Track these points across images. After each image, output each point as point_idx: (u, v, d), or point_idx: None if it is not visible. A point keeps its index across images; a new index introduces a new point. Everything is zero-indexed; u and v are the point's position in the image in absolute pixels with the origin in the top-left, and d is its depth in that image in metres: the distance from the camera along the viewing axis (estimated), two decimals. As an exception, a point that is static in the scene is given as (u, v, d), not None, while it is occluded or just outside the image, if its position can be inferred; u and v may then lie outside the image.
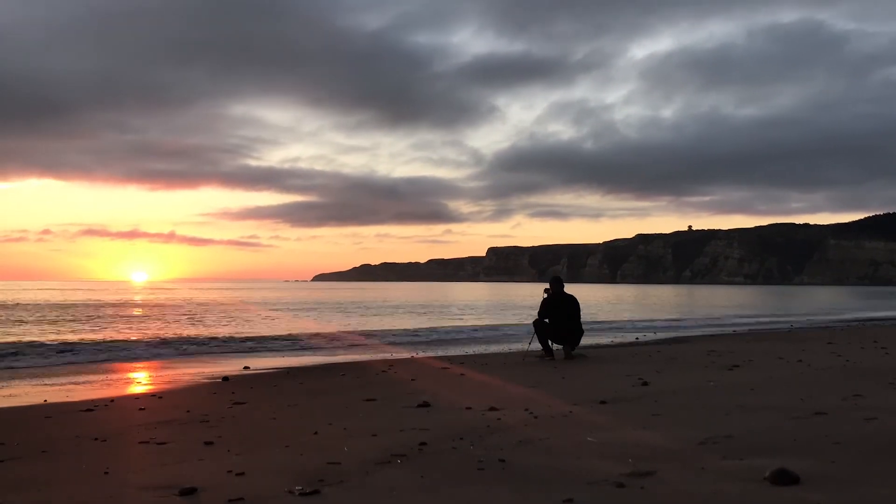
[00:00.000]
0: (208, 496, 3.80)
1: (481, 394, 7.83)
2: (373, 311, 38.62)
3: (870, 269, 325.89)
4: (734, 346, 14.43)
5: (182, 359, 15.32)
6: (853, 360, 10.58)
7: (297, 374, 11.30)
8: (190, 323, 27.58)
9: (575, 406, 6.69)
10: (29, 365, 13.84)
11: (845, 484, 3.67)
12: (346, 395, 8.40)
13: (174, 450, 5.22)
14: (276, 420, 6.60)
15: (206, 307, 41.72)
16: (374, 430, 5.65)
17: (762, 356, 11.63)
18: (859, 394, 6.80)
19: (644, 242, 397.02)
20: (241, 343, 18.73)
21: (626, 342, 17.85)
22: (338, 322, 29.01)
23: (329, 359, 14.62)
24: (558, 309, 12.21)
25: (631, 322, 28.83)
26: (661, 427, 5.40)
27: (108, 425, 6.62)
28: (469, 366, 11.53)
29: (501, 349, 16.24)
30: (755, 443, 4.70)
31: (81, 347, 17.29)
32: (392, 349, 16.98)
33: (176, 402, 8.25)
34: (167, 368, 13.41)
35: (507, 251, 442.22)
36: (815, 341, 15.18)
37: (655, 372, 9.68)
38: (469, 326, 25.80)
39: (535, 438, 5.12)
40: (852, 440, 4.66)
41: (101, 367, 13.45)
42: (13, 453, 5.36)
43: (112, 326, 25.30)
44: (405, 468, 4.31)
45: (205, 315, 32.84)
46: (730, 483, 3.75)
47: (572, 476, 3.98)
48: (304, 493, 3.76)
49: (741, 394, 7.22)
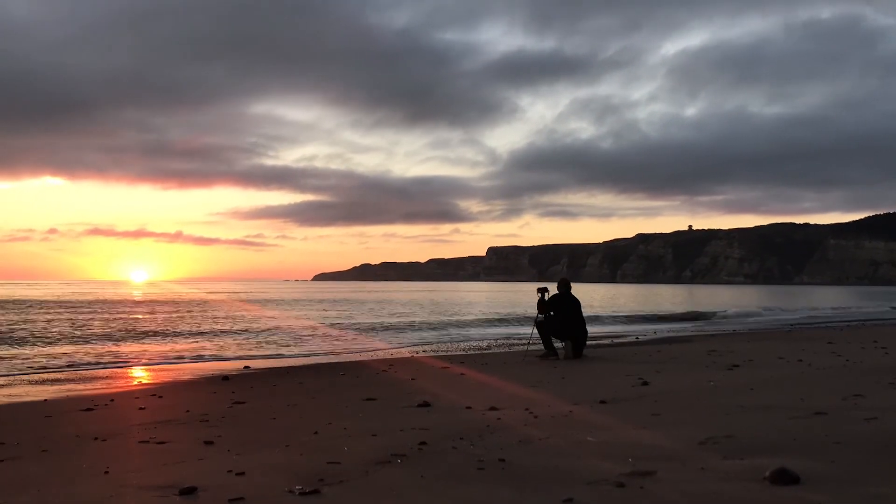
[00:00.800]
0: (208, 496, 3.80)
1: (481, 393, 7.83)
2: (373, 311, 38.61)
3: (870, 269, 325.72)
4: (734, 346, 14.44)
5: (182, 358, 15.32)
6: (853, 360, 10.59)
7: (297, 374, 11.30)
8: (190, 323, 27.58)
9: (575, 406, 6.69)
10: (29, 364, 13.84)
11: (845, 483, 3.67)
12: (345, 394, 8.40)
13: (174, 449, 5.22)
14: (276, 420, 6.59)
15: (206, 307, 41.71)
16: (374, 430, 5.65)
17: (762, 356, 11.63)
18: (859, 394, 6.80)
19: (644, 242, 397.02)
20: (241, 343, 18.73)
21: (626, 342, 17.85)
22: (337, 322, 29.00)
23: (329, 358, 14.61)
24: (565, 309, 12.24)
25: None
26: (661, 427, 5.40)
27: (108, 425, 6.62)
28: (469, 365, 11.53)
29: (501, 349, 16.24)
30: (755, 442, 4.70)
31: (80, 347, 17.29)
32: (392, 349, 16.99)
33: (176, 401, 8.25)
34: (167, 368, 13.41)
35: (507, 251, 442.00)
36: (815, 341, 15.18)
37: (655, 372, 9.68)
38: (469, 326, 25.79)
39: (535, 438, 5.12)
40: (852, 440, 4.66)
41: (100, 367, 13.45)
42: (13, 453, 5.36)
43: (110, 327, 25.29)
44: (405, 468, 4.31)
45: (205, 315, 32.84)
46: (730, 483, 3.75)
47: (572, 476, 3.98)
48: (304, 493, 3.76)
49: (741, 394, 7.22)
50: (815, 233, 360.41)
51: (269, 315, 33.73)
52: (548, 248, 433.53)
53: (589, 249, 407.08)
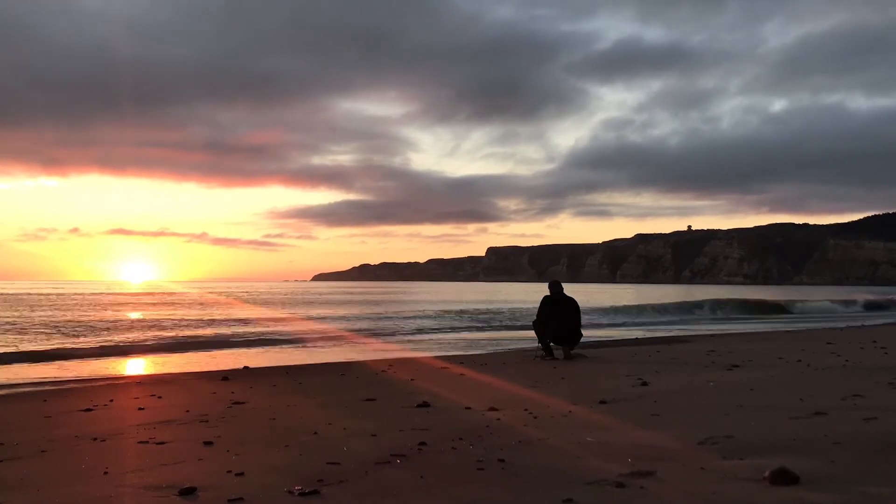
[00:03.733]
0: (208, 496, 3.80)
1: (481, 394, 7.83)
2: (372, 311, 38.60)
3: (869, 269, 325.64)
4: (734, 346, 14.44)
5: (181, 358, 15.32)
6: (853, 360, 10.59)
7: (297, 374, 11.29)
8: (190, 323, 27.57)
9: (575, 406, 6.70)
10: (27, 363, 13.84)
11: (845, 483, 3.67)
12: (345, 394, 8.40)
13: (174, 450, 5.21)
14: (276, 420, 6.59)
15: (205, 307, 41.70)
16: (373, 430, 5.65)
17: (762, 356, 11.64)
18: (859, 394, 6.81)
19: (643, 242, 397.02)
20: (241, 342, 18.73)
21: (626, 342, 17.85)
22: (336, 321, 29.00)
23: (329, 358, 14.61)
24: (558, 310, 12.27)
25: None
26: (660, 427, 5.40)
27: (107, 425, 6.62)
28: (469, 366, 11.54)
29: (501, 349, 16.25)
30: (755, 442, 4.70)
31: (79, 347, 17.29)
32: (392, 348, 16.99)
33: (175, 401, 8.24)
34: (166, 368, 13.41)
35: (506, 251, 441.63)
36: (815, 341, 15.18)
37: (655, 372, 9.69)
38: (470, 325, 25.80)
39: (535, 438, 5.12)
40: (852, 440, 4.67)
41: (100, 367, 13.45)
42: (13, 453, 5.35)
43: (108, 326, 25.29)
44: (405, 468, 4.31)
45: (204, 315, 32.84)
46: (730, 483, 3.75)
47: (572, 476, 3.98)
48: (303, 493, 3.76)
49: (741, 394, 7.22)
50: (815, 233, 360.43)
51: (269, 315, 33.71)
52: (547, 248, 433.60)
53: (588, 249, 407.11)
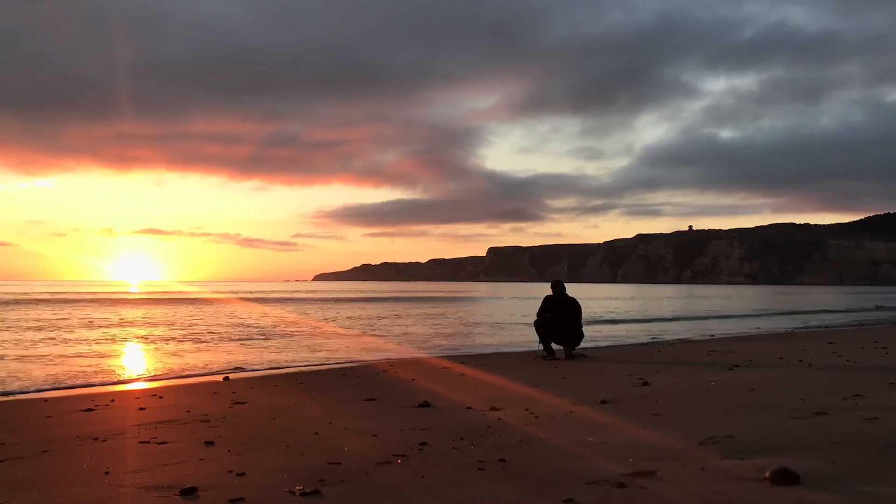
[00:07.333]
0: (208, 496, 3.81)
1: (482, 394, 7.84)
2: (372, 311, 38.61)
3: (870, 269, 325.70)
4: (734, 346, 14.44)
5: (182, 358, 15.32)
6: (853, 360, 10.59)
7: (298, 374, 11.30)
8: (189, 322, 27.58)
9: (575, 406, 6.70)
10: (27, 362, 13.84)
11: (845, 483, 3.67)
12: (346, 394, 8.40)
13: (175, 450, 5.21)
14: (277, 420, 6.59)
15: (205, 307, 41.71)
16: (374, 430, 5.65)
17: (762, 356, 11.63)
18: (859, 394, 6.81)
19: (644, 242, 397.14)
20: (241, 342, 18.73)
21: (626, 342, 17.85)
22: (336, 321, 29.00)
23: (329, 358, 14.61)
24: (559, 310, 12.27)
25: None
26: (661, 427, 5.40)
27: (108, 425, 6.62)
28: (469, 365, 11.54)
29: (502, 349, 16.25)
30: (756, 442, 4.70)
31: (79, 348, 17.30)
32: (392, 348, 16.99)
33: (176, 401, 8.24)
34: (167, 368, 13.41)
35: (507, 251, 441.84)
36: (816, 341, 15.17)
37: (656, 372, 9.68)
38: (470, 325, 25.80)
39: (536, 438, 5.12)
40: (852, 440, 4.67)
41: (100, 368, 13.45)
42: (13, 453, 5.35)
43: (107, 327, 25.30)
44: (406, 468, 4.31)
45: (203, 315, 32.85)
46: (730, 483, 3.75)
47: (573, 476, 3.99)
48: (304, 493, 3.77)
49: (742, 394, 7.22)
50: (816, 233, 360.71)
51: (268, 315, 33.72)
52: (548, 248, 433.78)
53: (589, 250, 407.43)
